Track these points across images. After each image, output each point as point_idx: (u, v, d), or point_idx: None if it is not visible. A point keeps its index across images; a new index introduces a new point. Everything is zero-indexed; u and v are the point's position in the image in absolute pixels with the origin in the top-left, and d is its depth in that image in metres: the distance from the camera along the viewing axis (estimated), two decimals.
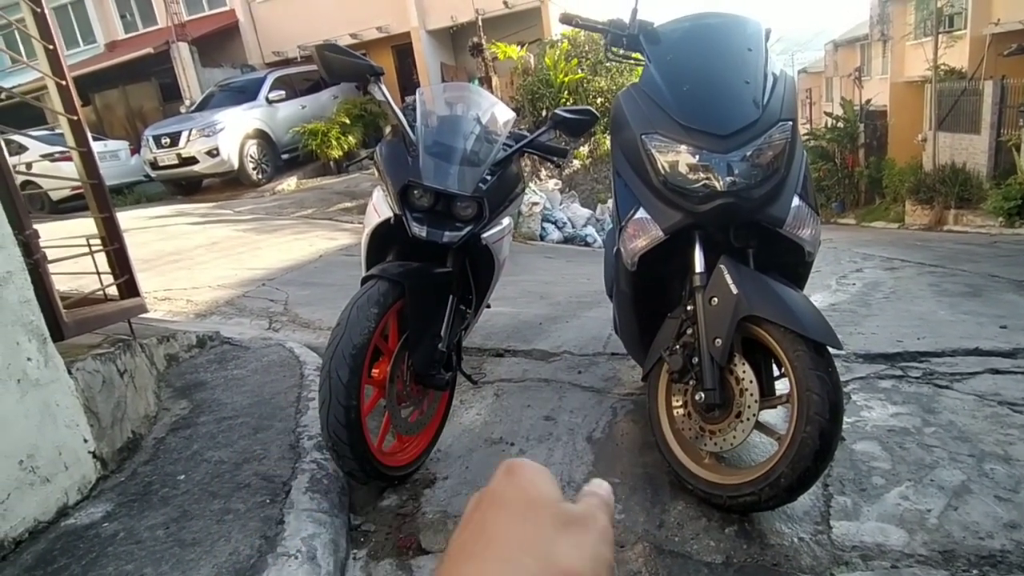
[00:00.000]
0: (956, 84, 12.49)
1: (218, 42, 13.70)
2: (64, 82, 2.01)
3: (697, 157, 1.46)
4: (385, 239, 1.82)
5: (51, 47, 1.99)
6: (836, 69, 21.82)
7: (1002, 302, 3.25)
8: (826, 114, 18.44)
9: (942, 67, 12.55)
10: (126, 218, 4.14)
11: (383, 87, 1.80)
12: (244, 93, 10.19)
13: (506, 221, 1.96)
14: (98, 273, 2.12)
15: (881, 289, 3.77)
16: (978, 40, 12.63)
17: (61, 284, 1.81)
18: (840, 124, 17.06)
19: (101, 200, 2.14)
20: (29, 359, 1.46)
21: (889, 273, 4.42)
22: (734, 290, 1.41)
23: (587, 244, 7.25)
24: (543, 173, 8.32)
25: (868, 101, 17.60)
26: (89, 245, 2.09)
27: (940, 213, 11.15)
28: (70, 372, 1.60)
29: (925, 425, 1.80)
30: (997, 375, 2.10)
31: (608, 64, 9.68)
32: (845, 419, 1.45)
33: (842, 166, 17.20)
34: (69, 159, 2.16)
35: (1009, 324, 2.68)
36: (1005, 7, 12.00)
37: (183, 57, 12.62)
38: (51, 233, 1.82)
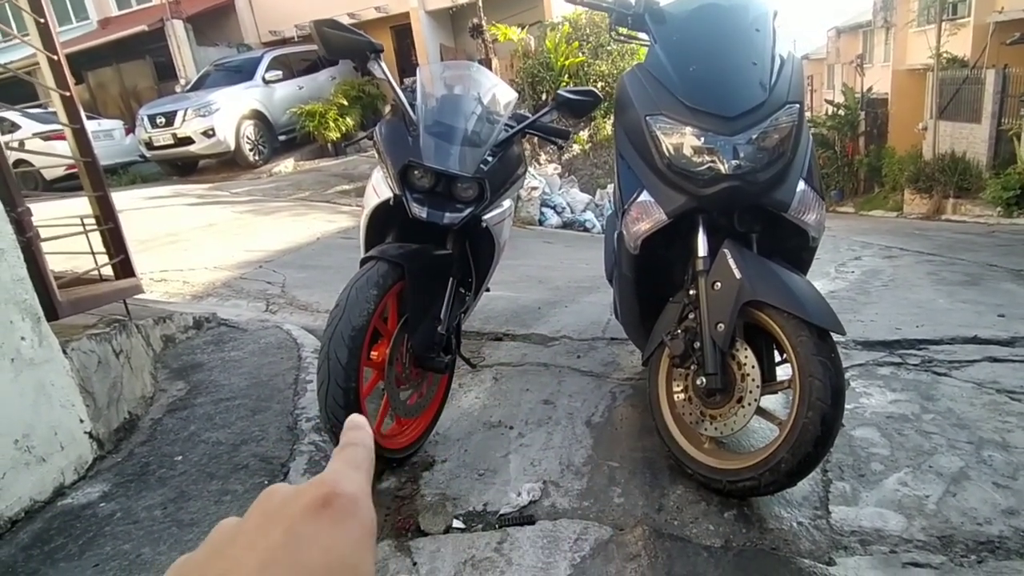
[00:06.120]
0: (958, 73, 12.38)
1: (214, 20, 13.46)
2: (56, 57, 1.97)
3: (702, 139, 1.43)
4: (384, 220, 1.80)
5: (42, 20, 1.94)
6: (838, 56, 21.60)
7: (1000, 291, 3.25)
8: (827, 101, 18.30)
9: (944, 55, 12.43)
10: (121, 198, 4.08)
11: (383, 64, 1.76)
12: (240, 73, 10.03)
13: (507, 203, 1.93)
14: (92, 253, 2.10)
15: (880, 277, 3.77)
16: (981, 28, 12.50)
17: (56, 264, 1.78)
18: (841, 111, 16.93)
19: (95, 178, 2.11)
20: (23, 338, 1.44)
21: (888, 261, 4.41)
22: (737, 275, 1.39)
23: (586, 229, 7.20)
24: (543, 157, 8.25)
25: (869, 89, 17.45)
26: (83, 224, 2.06)
27: (939, 202, 11.12)
28: (65, 352, 1.58)
29: (924, 412, 1.81)
30: (995, 363, 2.10)
31: (609, 48, 9.57)
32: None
33: (842, 154, 17.10)
34: (63, 138, 2.13)
35: (1007, 313, 2.68)
36: None
37: (178, 35, 12.41)
38: (45, 212, 1.80)
